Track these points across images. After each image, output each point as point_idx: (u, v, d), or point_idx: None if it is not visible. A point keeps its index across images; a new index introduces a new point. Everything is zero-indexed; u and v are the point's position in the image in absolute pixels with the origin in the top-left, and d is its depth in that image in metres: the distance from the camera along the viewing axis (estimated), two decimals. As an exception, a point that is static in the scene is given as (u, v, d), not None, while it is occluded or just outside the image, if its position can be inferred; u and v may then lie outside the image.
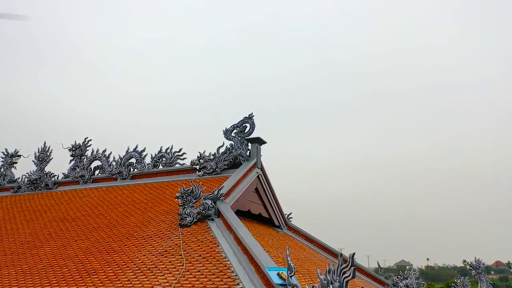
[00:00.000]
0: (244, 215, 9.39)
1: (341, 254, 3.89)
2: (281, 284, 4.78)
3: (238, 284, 5.46)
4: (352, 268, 3.67)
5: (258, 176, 10.02)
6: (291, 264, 4.77)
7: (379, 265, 12.37)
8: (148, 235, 7.66)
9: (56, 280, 6.69)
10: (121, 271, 6.52)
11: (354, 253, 3.70)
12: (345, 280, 3.69)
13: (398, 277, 12.03)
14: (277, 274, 4.98)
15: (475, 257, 11.69)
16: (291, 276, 4.70)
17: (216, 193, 7.73)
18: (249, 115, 10.31)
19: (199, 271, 5.99)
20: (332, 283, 3.82)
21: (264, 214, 10.20)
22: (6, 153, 13.86)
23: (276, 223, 10.76)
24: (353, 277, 3.67)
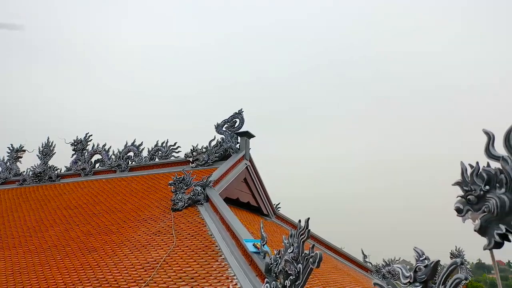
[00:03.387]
0: (233, 203, 10.14)
1: (300, 220, 4.63)
2: (255, 252, 5.54)
3: (220, 256, 6.23)
4: (307, 230, 4.42)
5: (247, 167, 10.77)
6: (264, 235, 5.54)
7: (363, 253, 13.10)
8: (143, 219, 8.43)
9: (60, 257, 7.47)
10: (118, 248, 7.29)
11: (308, 218, 4.45)
12: (302, 240, 4.44)
13: (381, 264, 12.81)
14: (253, 245, 5.74)
15: (456, 246, 12.40)
16: (263, 245, 5.47)
17: (205, 180, 8.49)
18: (238, 110, 11.06)
19: (187, 247, 6.75)
20: (292, 245, 4.57)
21: (252, 202, 10.94)
22: (11, 148, 14.66)
23: (265, 212, 11.50)
24: (308, 237, 4.41)
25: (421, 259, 2.78)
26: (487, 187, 2.27)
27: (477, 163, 2.37)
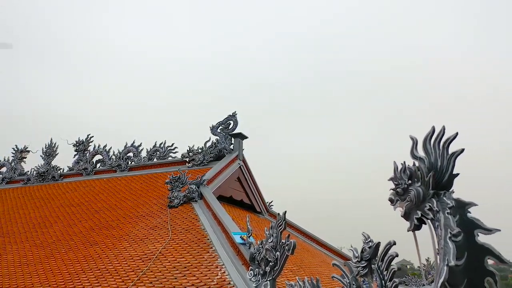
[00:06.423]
0: (227, 200, 10.73)
1: (278, 214, 5.22)
2: (241, 243, 6.13)
3: (211, 248, 6.82)
4: (284, 222, 5.01)
5: (240, 167, 11.36)
6: (249, 227, 6.13)
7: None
8: (141, 215, 9.02)
9: (64, 250, 8.07)
10: (118, 241, 7.89)
11: (285, 211, 5.04)
12: (280, 231, 5.03)
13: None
14: (240, 237, 6.32)
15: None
16: (249, 237, 6.06)
17: (199, 179, 9.08)
18: (232, 113, 11.66)
19: (181, 240, 7.35)
20: (272, 235, 5.16)
21: (246, 200, 11.53)
22: (16, 148, 15.28)
23: (258, 209, 12.09)
24: (284, 228, 5.00)
25: (366, 241, 3.37)
26: (410, 181, 2.85)
27: (404, 162, 2.96)
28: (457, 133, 2.63)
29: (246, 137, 11.77)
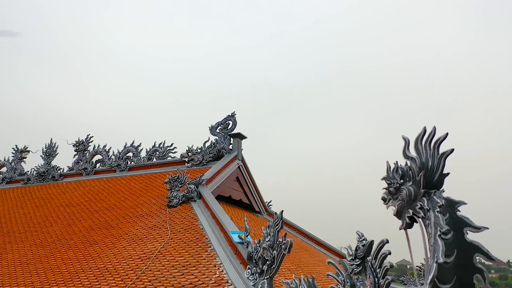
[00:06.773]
0: (226, 200, 10.79)
1: (276, 213, 5.27)
2: (239, 242, 6.18)
3: (209, 247, 6.87)
4: (281, 221, 5.07)
5: (239, 167, 11.42)
6: (247, 227, 6.18)
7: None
8: (141, 214, 9.08)
9: (64, 249, 8.13)
10: (117, 241, 7.94)
11: (282, 211, 5.09)
12: (277, 230, 5.08)
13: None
14: (238, 236, 6.38)
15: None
16: (247, 236, 6.11)
17: (198, 179, 9.13)
18: (231, 113, 11.72)
19: (180, 239, 7.40)
20: (269, 234, 5.22)
21: (244, 200, 11.59)
22: (16, 149, 15.33)
23: (257, 209, 12.14)
24: (281, 227, 5.06)
25: (360, 239, 3.42)
26: (402, 180, 2.91)
27: (397, 162, 3.02)
28: (447, 134, 2.69)
29: (245, 137, 11.82)
